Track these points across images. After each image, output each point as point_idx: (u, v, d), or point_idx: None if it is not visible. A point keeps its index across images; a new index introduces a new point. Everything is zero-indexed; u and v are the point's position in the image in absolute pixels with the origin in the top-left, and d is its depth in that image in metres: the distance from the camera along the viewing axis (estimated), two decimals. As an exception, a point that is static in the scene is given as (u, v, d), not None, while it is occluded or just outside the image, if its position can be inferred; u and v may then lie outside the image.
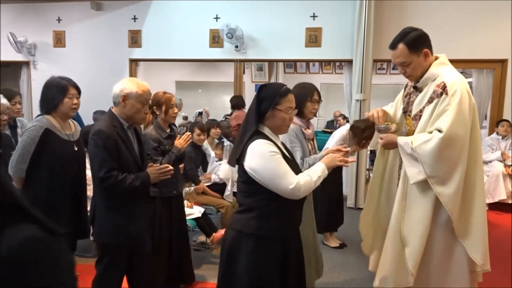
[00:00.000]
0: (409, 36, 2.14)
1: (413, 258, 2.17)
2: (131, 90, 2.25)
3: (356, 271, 3.60)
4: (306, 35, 5.74)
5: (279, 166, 1.77)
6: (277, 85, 1.93)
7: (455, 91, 2.04)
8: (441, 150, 2.02)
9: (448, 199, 2.06)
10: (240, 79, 6.25)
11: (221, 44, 6.01)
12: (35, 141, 2.37)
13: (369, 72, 5.45)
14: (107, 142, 2.16)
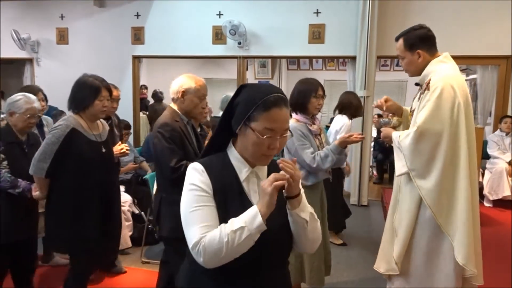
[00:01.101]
0: (410, 34, 2.26)
1: (398, 248, 2.26)
2: (189, 86, 2.33)
3: (359, 268, 3.60)
4: (310, 32, 5.72)
5: (191, 209, 1.21)
6: (264, 88, 1.25)
7: (436, 87, 2.09)
8: (416, 144, 2.11)
9: (426, 193, 2.11)
10: (243, 75, 6.24)
11: (224, 40, 6.00)
12: (59, 140, 2.30)
13: (373, 69, 5.42)
14: (173, 135, 2.23)
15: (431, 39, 2.25)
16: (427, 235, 2.19)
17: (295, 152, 2.57)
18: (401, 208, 2.29)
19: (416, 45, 2.23)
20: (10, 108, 2.50)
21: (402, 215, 2.26)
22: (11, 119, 2.51)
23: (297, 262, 2.71)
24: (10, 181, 2.42)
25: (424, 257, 2.22)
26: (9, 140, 2.47)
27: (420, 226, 2.20)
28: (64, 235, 2.35)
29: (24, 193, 2.46)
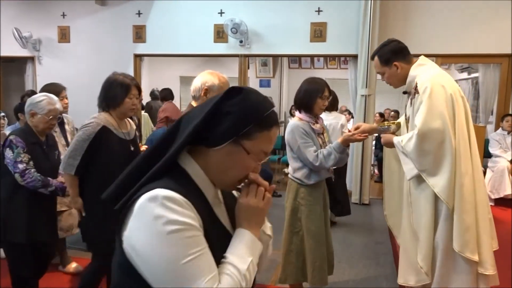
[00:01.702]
0: (382, 50, 2.36)
1: (421, 252, 2.22)
2: (212, 83, 2.25)
3: (360, 267, 3.60)
4: (311, 30, 5.71)
5: (186, 258, 0.85)
6: (263, 100, 1.00)
7: (425, 88, 2.14)
8: (420, 145, 2.13)
9: (441, 190, 2.13)
10: (245, 74, 6.24)
11: (225, 39, 5.99)
12: (90, 137, 2.29)
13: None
14: None
15: (403, 50, 2.35)
16: (446, 232, 2.19)
17: (298, 150, 2.58)
18: (416, 211, 2.28)
19: (391, 58, 2.31)
20: (32, 109, 2.47)
21: (419, 217, 2.24)
22: (32, 119, 2.47)
23: (299, 262, 2.71)
24: (42, 180, 2.38)
25: (445, 254, 2.21)
26: (31, 140, 2.44)
27: (440, 225, 2.20)
28: (99, 234, 2.34)
29: (57, 192, 2.44)
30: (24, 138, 2.41)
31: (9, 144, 2.38)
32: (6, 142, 2.41)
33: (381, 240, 4.15)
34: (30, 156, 2.39)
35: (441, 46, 5.20)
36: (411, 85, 2.30)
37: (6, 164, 2.39)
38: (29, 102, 2.50)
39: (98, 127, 2.31)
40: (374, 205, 5.66)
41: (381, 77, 2.45)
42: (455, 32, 5.18)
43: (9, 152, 2.36)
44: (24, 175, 2.34)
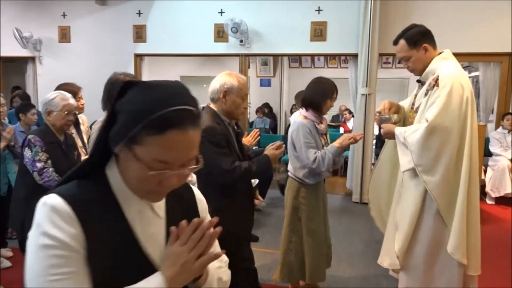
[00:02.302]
0: (409, 32, 2.25)
1: (399, 242, 2.28)
2: (232, 84, 2.18)
3: (361, 266, 3.60)
4: (311, 29, 5.71)
5: (46, 277, 0.76)
6: (165, 93, 0.81)
7: (445, 83, 2.10)
8: (426, 139, 2.11)
9: (433, 187, 2.14)
10: (245, 73, 6.23)
11: (225, 38, 5.99)
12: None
13: (375, 66, 5.42)
14: (220, 139, 2.10)
15: (431, 34, 2.28)
16: (431, 229, 2.21)
17: (300, 148, 2.59)
18: (404, 203, 2.30)
19: (420, 40, 2.23)
20: (47, 108, 2.48)
21: (405, 209, 2.27)
22: (49, 118, 2.49)
23: (297, 261, 2.73)
24: (59, 180, 2.37)
25: (428, 251, 2.24)
26: (50, 140, 2.44)
27: (424, 220, 2.22)
28: None
29: None
30: (42, 137, 2.41)
31: (28, 144, 2.38)
32: (25, 141, 2.41)
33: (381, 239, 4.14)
34: (48, 155, 2.39)
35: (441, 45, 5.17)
36: (428, 76, 2.25)
37: (25, 164, 2.39)
38: (43, 102, 2.51)
39: None
40: (374, 204, 5.66)
41: (404, 64, 2.34)
42: (455, 31, 5.17)
43: (28, 151, 2.37)
44: (42, 174, 2.33)
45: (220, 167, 2.05)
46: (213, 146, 2.05)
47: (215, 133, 2.08)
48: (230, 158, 2.09)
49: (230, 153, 2.13)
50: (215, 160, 2.04)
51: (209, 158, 2.06)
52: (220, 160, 2.05)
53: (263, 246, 3.86)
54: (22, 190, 2.42)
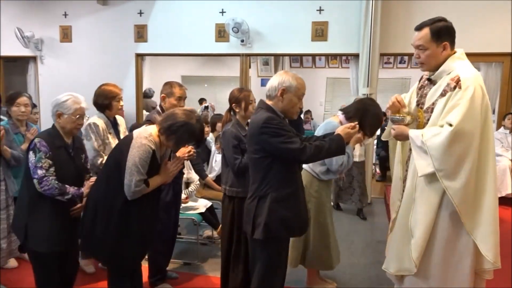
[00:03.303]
0: (437, 24, 2.16)
1: (417, 250, 2.21)
2: (290, 84, 2.19)
3: (362, 265, 3.60)
4: (312, 29, 5.71)
5: None
6: None
7: (468, 86, 2.04)
8: (450, 144, 2.03)
9: (455, 193, 2.07)
10: (246, 73, 6.23)
11: (227, 38, 6.00)
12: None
13: (376, 66, 5.41)
14: (281, 126, 2.13)
15: (454, 33, 2.20)
16: (446, 235, 2.17)
17: None
18: (418, 208, 2.22)
19: (444, 36, 2.15)
20: (57, 109, 2.38)
21: (421, 215, 2.20)
22: (59, 120, 2.38)
23: (300, 247, 2.95)
24: (59, 188, 2.27)
25: (442, 256, 2.20)
26: (57, 144, 2.35)
27: (440, 225, 2.18)
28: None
29: (74, 199, 2.36)
30: (49, 142, 2.31)
31: (33, 148, 2.29)
32: (30, 144, 2.32)
33: (383, 239, 4.14)
34: (51, 162, 2.29)
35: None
36: (442, 75, 2.18)
37: (30, 168, 2.31)
38: (54, 103, 2.41)
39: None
40: (375, 204, 5.66)
41: (416, 52, 2.22)
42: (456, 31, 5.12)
43: (32, 156, 2.28)
44: (41, 182, 2.24)
45: (291, 149, 2.09)
46: (277, 134, 2.09)
47: (277, 121, 2.13)
48: (296, 139, 2.13)
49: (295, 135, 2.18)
50: (283, 144, 2.09)
51: (276, 147, 2.12)
52: (288, 144, 2.09)
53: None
54: (27, 194, 2.35)
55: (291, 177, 2.22)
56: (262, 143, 2.14)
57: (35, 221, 2.31)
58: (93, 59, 6.54)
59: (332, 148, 2.16)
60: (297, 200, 2.24)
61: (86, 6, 6.48)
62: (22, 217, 2.33)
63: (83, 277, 3.15)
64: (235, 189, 2.76)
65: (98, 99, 3.04)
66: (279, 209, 2.16)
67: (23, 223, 2.31)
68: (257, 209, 2.19)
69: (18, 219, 2.39)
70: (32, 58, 6.89)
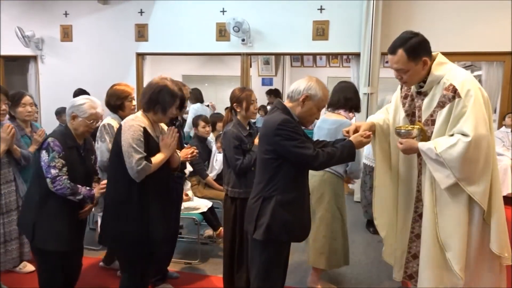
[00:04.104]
0: (409, 43, 2.09)
1: (459, 261, 2.15)
2: (316, 93, 2.13)
3: (362, 265, 3.60)
4: (313, 28, 5.70)
5: None
6: None
7: (467, 91, 2.02)
8: (469, 153, 2.01)
9: (481, 197, 2.08)
10: (247, 72, 6.23)
11: (227, 37, 5.99)
12: None
13: (377, 65, 5.40)
14: (297, 129, 2.10)
15: (428, 44, 2.15)
16: (477, 237, 2.18)
17: None
18: (446, 221, 2.17)
19: (421, 52, 2.10)
20: (73, 111, 2.40)
21: (451, 227, 2.15)
22: (73, 122, 2.40)
23: (341, 246, 2.99)
24: (71, 188, 2.29)
25: (477, 257, 2.20)
26: (70, 144, 2.37)
27: (472, 232, 2.17)
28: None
29: (85, 200, 2.38)
30: (62, 141, 2.32)
31: (46, 147, 2.29)
32: (43, 144, 2.33)
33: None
34: (64, 161, 2.30)
35: (444, 44, 5.17)
36: (431, 85, 2.15)
37: (42, 167, 2.31)
38: (71, 105, 2.42)
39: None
40: (376, 203, 5.64)
41: (396, 74, 2.20)
42: (458, 30, 5.15)
43: (45, 155, 2.28)
44: (54, 182, 2.26)
45: (304, 155, 2.06)
46: (291, 138, 2.06)
47: (292, 124, 2.09)
48: (310, 144, 2.11)
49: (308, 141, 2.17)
50: (297, 149, 2.06)
51: (288, 150, 2.09)
52: (302, 149, 2.06)
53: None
54: (37, 192, 2.35)
55: (299, 182, 2.19)
56: (274, 145, 2.10)
57: (44, 219, 2.33)
58: (93, 59, 6.54)
59: (344, 155, 2.15)
60: (301, 205, 2.21)
61: (87, 5, 6.47)
62: (31, 215, 2.34)
63: (84, 277, 3.14)
64: (237, 190, 2.75)
65: (110, 100, 2.97)
66: (283, 213, 2.13)
67: (32, 221, 2.32)
68: (260, 209, 2.17)
69: (26, 216, 2.39)
70: (32, 57, 6.89)
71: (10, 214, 2.76)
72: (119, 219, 2.23)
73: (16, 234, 2.80)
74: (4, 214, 2.72)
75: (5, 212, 2.72)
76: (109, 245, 2.65)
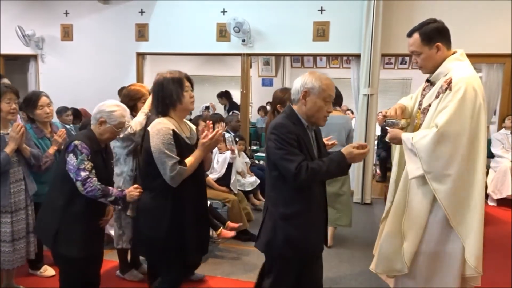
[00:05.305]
0: (426, 27, 2.17)
1: (410, 252, 2.23)
2: (313, 85, 1.99)
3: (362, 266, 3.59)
4: (314, 29, 5.70)
5: None
6: None
7: (459, 87, 2.04)
8: (435, 146, 2.04)
9: (443, 196, 2.08)
10: (247, 73, 6.23)
11: (228, 38, 5.99)
12: None
13: (377, 67, 5.41)
14: (289, 137, 1.93)
15: (448, 32, 2.20)
16: (436, 237, 2.18)
17: None
18: (411, 211, 2.24)
19: (435, 38, 2.16)
20: (102, 116, 2.34)
21: (413, 218, 2.22)
22: (99, 127, 2.35)
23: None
24: (102, 189, 2.24)
25: (431, 258, 2.21)
26: (95, 148, 2.33)
27: (430, 228, 2.19)
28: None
29: (117, 202, 2.32)
30: (89, 144, 2.28)
31: (73, 150, 2.23)
32: (69, 147, 2.26)
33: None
34: (92, 164, 2.27)
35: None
36: (439, 76, 2.18)
37: (68, 170, 2.24)
38: (100, 109, 2.36)
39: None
40: (376, 204, 5.65)
41: (413, 58, 2.26)
42: (458, 32, 5.10)
43: (73, 158, 2.22)
44: (85, 184, 2.20)
45: (286, 169, 1.92)
46: (281, 144, 1.93)
47: (285, 130, 1.95)
48: (299, 158, 1.91)
49: (301, 152, 1.96)
50: (282, 161, 1.93)
51: (276, 159, 1.96)
52: (286, 161, 1.92)
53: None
54: (60, 198, 2.29)
55: (303, 193, 2.01)
56: (268, 151, 2.02)
57: (66, 225, 2.28)
58: (94, 58, 6.54)
59: (331, 170, 1.93)
60: (308, 219, 2.04)
61: (87, 4, 6.48)
62: (53, 220, 2.29)
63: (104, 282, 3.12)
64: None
65: (123, 101, 2.87)
66: (284, 227, 2.00)
67: (54, 226, 2.28)
68: (264, 221, 2.09)
69: (47, 222, 2.34)
70: (33, 56, 6.89)
71: (19, 213, 2.75)
72: (153, 227, 2.18)
73: (24, 233, 2.79)
74: (13, 212, 2.71)
75: (14, 211, 2.71)
76: (143, 253, 2.58)
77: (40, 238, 2.74)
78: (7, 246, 2.69)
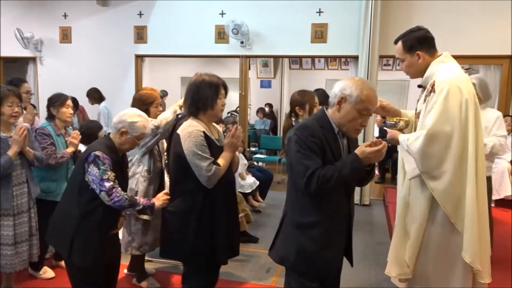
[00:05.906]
0: (408, 36, 2.26)
1: (410, 251, 2.26)
2: (351, 92, 1.81)
3: (361, 267, 3.60)
4: (312, 31, 5.72)
5: None
6: None
7: (442, 88, 2.09)
8: (426, 147, 2.09)
9: (440, 194, 2.12)
10: (246, 75, 6.24)
11: (226, 40, 6.00)
12: None
13: (375, 68, 5.42)
14: (310, 140, 1.79)
15: (429, 40, 2.26)
16: (438, 236, 2.20)
17: None
18: (412, 211, 2.28)
19: (415, 46, 2.23)
20: (123, 126, 2.29)
21: (414, 217, 2.25)
22: (120, 137, 2.30)
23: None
24: (129, 199, 2.22)
25: (436, 258, 2.22)
26: (115, 158, 2.29)
27: (432, 227, 2.20)
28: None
29: (145, 211, 2.30)
30: (109, 154, 2.24)
31: (94, 160, 2.17)
32: (89, 157, 2.19)
33: (382, 240, 4.15)
34: (115, 174, 2.22)
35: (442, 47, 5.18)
36: (428, 80, 2.24)
37: (90, 181, 2.19)
38: (122, 119, 2.31)
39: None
40: (374, 206, 5.66)
41: (400, 64, 2.39)
42: (456, 33, 5.17)
43: (94, 169, 2.16)
44: (111, 194, 2.15)
45: (300, 175, 1.79)
46: (297, 149, 1.80)
47: (307, 132, 1.81)
48: (314, 164, 1.76)
49: (324, 158, 1.81)
50: (297, 164, 1.81)
51: (292, 162, 1.85)
52: (301, 165, 1.78)
53: (263, 247, 3.85)
54: (77, 208, 2.24)
55: (321, 203, 1.86)
56: (287, 152, 1.89)
57: (83, 236, 2.24)
58: (92, 60, 6.55)
59: (344, 175, 1.78)
60: (326, 232, 1.89)
61: (86, 7, 6.49)
62: (68, 230, 2.24)
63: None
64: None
65: (134, 105, 2.82)
66: (299, 238, 1.88)
67: (69, 237, 2.23)
68: (280, 228, 2.00)
69: (62, 232, 2.29)
70: (31, 58, 6.90)
71: (21, 215, 2.75)
72: (182, 231, 2.17)
73: (26, 236, 2.79)
74: (16, 215, 2.71)
75: (17, 214, 2.71)
76: (172, 257, 2.58)
77: (55, 247, 2.73)
78: (9, 249, 2.69)
